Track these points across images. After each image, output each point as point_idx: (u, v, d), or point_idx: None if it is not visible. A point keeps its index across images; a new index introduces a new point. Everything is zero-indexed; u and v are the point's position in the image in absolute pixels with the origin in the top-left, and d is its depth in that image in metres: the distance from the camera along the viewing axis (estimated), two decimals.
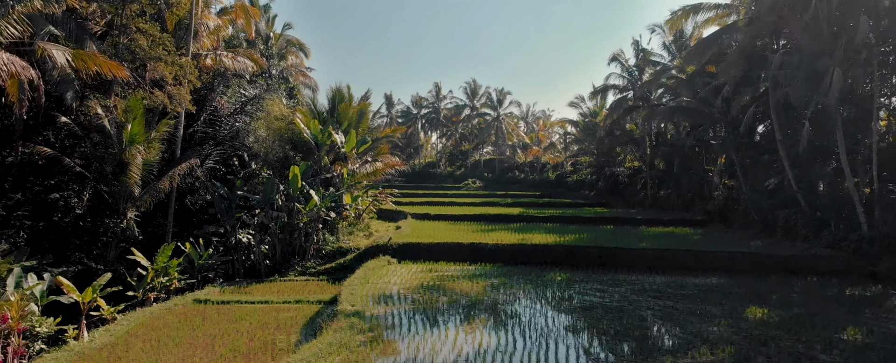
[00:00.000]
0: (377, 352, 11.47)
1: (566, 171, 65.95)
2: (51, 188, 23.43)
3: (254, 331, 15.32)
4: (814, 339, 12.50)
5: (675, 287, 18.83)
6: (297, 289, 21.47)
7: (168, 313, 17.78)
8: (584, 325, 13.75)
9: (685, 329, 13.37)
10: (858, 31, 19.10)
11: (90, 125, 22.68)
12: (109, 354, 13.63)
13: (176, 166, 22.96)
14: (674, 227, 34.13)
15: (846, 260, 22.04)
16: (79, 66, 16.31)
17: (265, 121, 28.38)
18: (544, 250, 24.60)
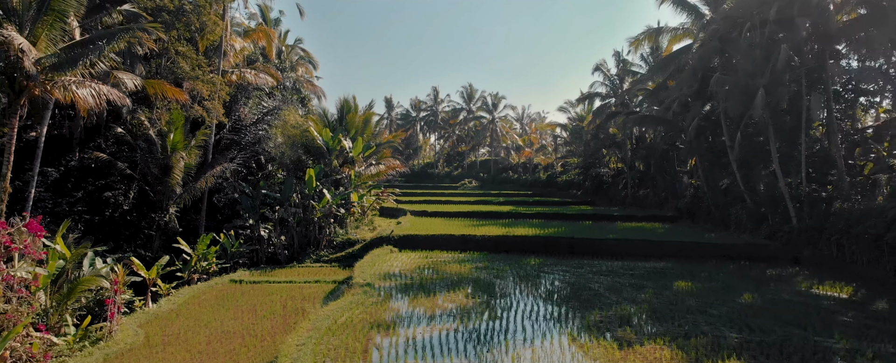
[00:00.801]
0: (385, 308, 15.51)
1: (556, 172, 69.98)
2: (103, 188, 27.47)
3: (285, 301, 19.39)
4: (714, 301, 16.56)
5: (627, 269, 22.89)
6: (314, 273, 25.50)
7: (211, 289, 21.85)
8: (543, 293, 17.81)
9: (620, 295, 17.44)
10: (780, 59, 23.11)
11: (137, 134, 26.72)
12: (177, 315, 17.72)
13: (209, 169, 27.01)
14: (646, 223, 38.16)
15: (777, 248, 26.12)
16: (150, 92, 20.37)
17: (282, 128, 32.42)
18: (525, 241, 28.63)
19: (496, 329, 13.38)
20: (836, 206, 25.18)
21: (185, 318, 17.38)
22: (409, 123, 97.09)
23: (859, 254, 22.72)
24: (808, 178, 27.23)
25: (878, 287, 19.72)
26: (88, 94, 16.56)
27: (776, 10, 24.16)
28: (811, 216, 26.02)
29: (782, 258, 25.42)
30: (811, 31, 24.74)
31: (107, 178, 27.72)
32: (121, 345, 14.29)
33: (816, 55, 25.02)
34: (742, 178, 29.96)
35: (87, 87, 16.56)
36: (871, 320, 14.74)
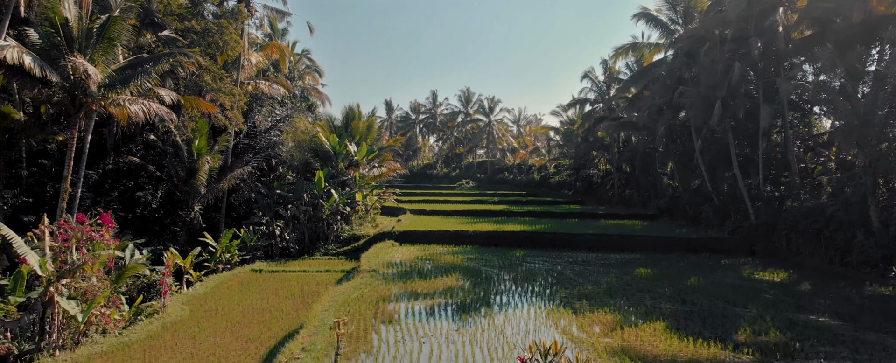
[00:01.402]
0: (389, 288, 18.69)
1: (549, 173, 73.16)
2: (134, 188, 30.65)
3: (301, 286, 22.57)
4: (664, 283, 19.75)
5: (599, 259, 26.09)
6: (325, 264, 28.68)
7: (235, 277, 25.03)
8: (521, 277, 20.99)
9: (586, 279, 20.63)
10: (734, 74, 26.28)
11: (166, 140, 29.89)
12: (210, 296, 20.88)
13: (230, 172, 30.21)
14: (627, 221, 41.36)
15: (737, 241, 29.35)
16: (187, 107, 23.55)
17: (292, 134, 35.63)
18: (513, 236, 31.82)
19: (477, 302, 16.56)
20: (788, 205, 28.41)
21: (219, 299, 20.55)
22: (409, 126, 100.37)
23: (804, 246, 25.94)
24: (766, 180, 30.46)
25: (812, 273, 22.92)
26: (139, 109, 19.75)
27: (732, 30, 27.35)
28: (766, 213, 29.23)
29: (740, 250, 28.64)
30: (763, 49, 27.94)
31: (137, 180, 30.90)
32: (173, 317, 17.45)
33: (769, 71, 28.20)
34: (709, 179, 33.19)
35: (138, 104, 19.75)
36: (787, 296, 17.94)
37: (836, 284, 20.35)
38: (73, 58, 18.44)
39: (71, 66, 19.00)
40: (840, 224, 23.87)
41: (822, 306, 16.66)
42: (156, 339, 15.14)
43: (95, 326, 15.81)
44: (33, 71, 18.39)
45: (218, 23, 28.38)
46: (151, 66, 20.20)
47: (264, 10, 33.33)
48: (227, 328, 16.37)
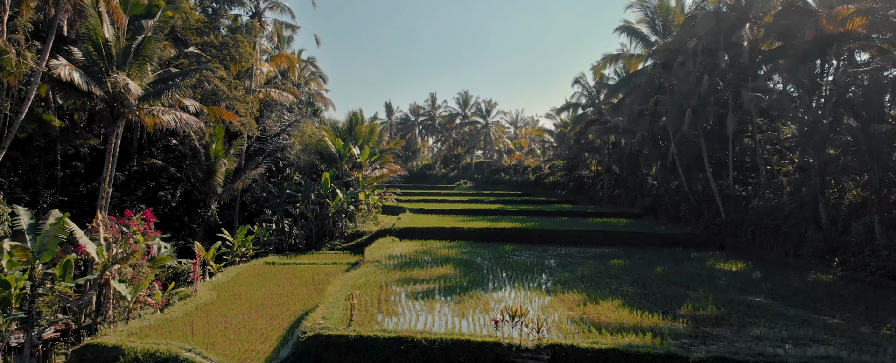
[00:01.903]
0: (391, 274, 21.38)
1: (544, 174, 75.87)
2: (156, 188, 33.35)
3: (312, 275, 25.27)
4: (633, 272, 22.43)
5: (581, 253, 28.79)
6: (331, 257, 31.38)
7: (252, 268, 27.73)
8: (508, 267, 23.68)
9: (566, 268, 23.33)
10: (703, 85, 28.97)
11: (185, 143, 32.58)
12: (232, 284, 23.57)
13: (244, 173, 32.91)
14: (614, 219, 44.02)
15: (708, 236, 32.07)
16: (210, 116, 26.26)
17: (300, 138, 38.32)
18: (504, 232, 34.52)
19: (467, 286, 19.25)
20: (754, 203, 31.12)
21: (240, 286, 23.25)
22: (408, 127, 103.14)
23: (765, 240, 28.66)
24: (736, 180, 33.19)
25: (768, 264, 25.62)
26: (171, 119, 22.47)
27: (703, 44, 30.08)
28: (735, 211, 31.96)
29: (711, 245, 31.35)
30: (730, 61, 30.64)
31: (158, 180, 33.61)
32: (203, 299, 20.14)
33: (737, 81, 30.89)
34: (686, 180, 35.91)
35: (170, 114, 22.47)
36: (737, 282, 20.64)
37: (784, 273, 23.06)
38: (115, 74, 21.14)
39: (111, 81, 21.69)
40: (796, 221, 26.60)
41: (763, 289, 19.37)
42: (193, 316, 17.82)
43: (141, 305, 18.52)
44: (80, 85, 21.09)
45: (234, 37, 31.10)
46: (181, 80, 22.92)
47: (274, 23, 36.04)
48: (251, 308, 19.06)
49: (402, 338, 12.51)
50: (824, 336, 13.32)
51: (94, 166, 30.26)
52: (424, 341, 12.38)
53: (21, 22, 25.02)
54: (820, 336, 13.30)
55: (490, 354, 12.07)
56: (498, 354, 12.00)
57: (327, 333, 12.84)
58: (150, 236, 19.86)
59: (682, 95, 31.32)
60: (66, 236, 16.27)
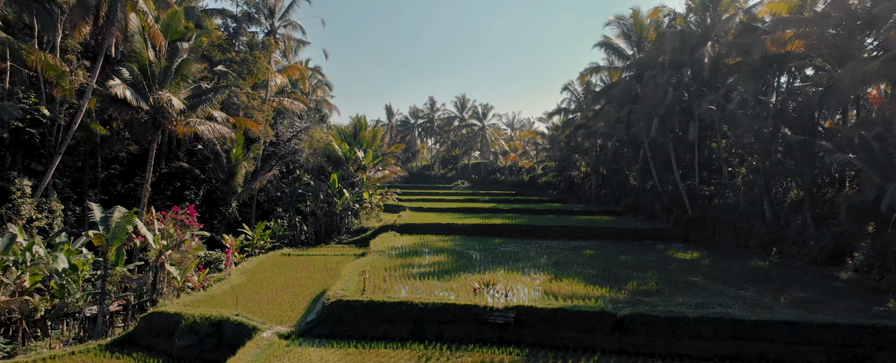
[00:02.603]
0: (393, 261, 25.21)
1: (537, 174, 79.70)
2: (181, 188, 37.15)
3: (325, 263, 29.09)
4: (600, 259, 26.26)
5: (561, 245, 32.60)
6: (340, 250, 35.19)
7: (270, 259, 31.54)
8: (494, 256, 27.51)
9: (542, 257, 27.16)
10: (669, 96, 32.80)
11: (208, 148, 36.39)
12: (257, 270, 27.37)
13: (261, 175, 36.75)
14: (598, 216, 47.83)
15: (676, 231, 35.90)
16: (238, 126, 30.10)
17: (309, 142, 42.15)
18: (495, 228, 38.34)
19: (457, 269, 23.08)
20: (716, 201, 34.96)
21: (263, 272, 27.07)
22: (408, 129, 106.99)
23: (723, 234, 32.52)
24: (701, 181, 37.04)
25: (721, 253, 29.44)
26: (206, 129, 26.32)
27: (669, 60, 33.94)
28: (700, 208, 35.81)
29: (677, 238, 35.18)
30: (693, 76, 34.50)
31: (183, 181, 37.43)
32: (235, 282, 23.95)
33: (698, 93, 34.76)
34: (659, 181, 39.77)
35: (205, 125, 26.32)
36: (685, 267, 24.47)
37: (730, 260, 26.90)
38: (159, 92, 24.99)
39: (155, 97, 25.53)
40: (747, 216, 30.45)
41: (704, 272, 23.21)
42: (230, 294, 21.64)
43: (187, 285, 22.37)
44: (130, 101, 24.93)
45: (253, 54, 34.93)
46: (213, 96, 26.77)
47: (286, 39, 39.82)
48: (277, 288, 22.90)
49: (404, 302, 16.36)
50: (730, 302, 17.16)
51: (129, 168, 34.09)
52: (421, 304, 16.23)
53: (72, 44, 28.93)
54: (727, 302, 17.13)
55: (470, 313, 15.91)
56: (475, 313, 15.85)
57: (346, 299, 16.69)
58: (194, 228, 23.67)
59: (651, 105, 35.17)
60: (132, 227, 20.08)
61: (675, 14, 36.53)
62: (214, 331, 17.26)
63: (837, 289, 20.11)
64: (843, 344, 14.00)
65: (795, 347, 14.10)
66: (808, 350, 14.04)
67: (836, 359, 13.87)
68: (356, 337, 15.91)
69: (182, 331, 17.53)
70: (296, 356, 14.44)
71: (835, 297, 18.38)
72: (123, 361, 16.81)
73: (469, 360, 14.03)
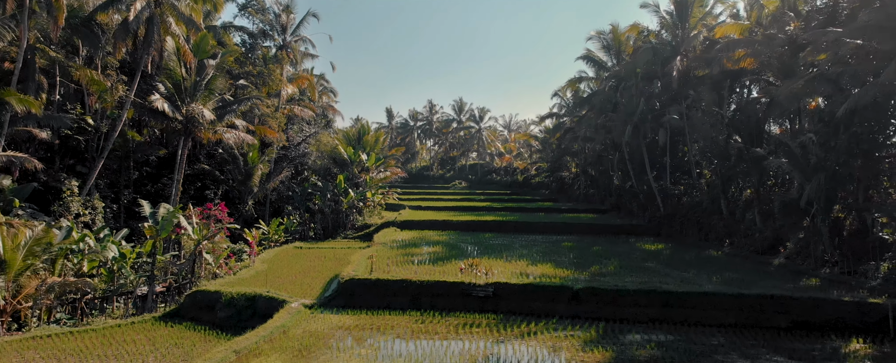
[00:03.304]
0: (394, 251, 29.11)
1: (531, 175, 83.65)
2: (202, 188, 41.04)
3: (334, 254, 32.98)
4: (575, 250, 30.15)
5: (545, 239, 36.49)
6: (346, 244, 39.07)
7: (285, 251, 35.41)
8: (482, 248, 31.40)
9: (525, 248, 31.05)
10: (640, 106, 36.72)
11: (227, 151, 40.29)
12: (275, 260, 31.24)
13: (275, 176, 40.66)
14: (584, 214, 51.73)
15: (649, 227, 39.82)
16: (259, 134, 34.00)
17: (317, 146, 46.05)
18: (487, 224, 42.24)
19: (449, 257, 26.97)
20: (684, 200, 38.89)
21: (281, 261, 30.94)
22: (408, 132, 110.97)
23: (688, 228, 36.43)
24: (673, 181, 40.97)
25: (684, 245, 33.32)
26: (231, 137, 30.24)
27: (643, 73, 37.86)
28: (671, 206, 39.73)
29: (650, 233, 39.09)
30: (662, 87, 38.45)
31: (204, 181, 41.34)
32: (258, 269, 27.81)
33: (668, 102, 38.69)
34: (636, 182, 43.69)
35: (231, 133, 30.24)
36: (647, 256, 28.35)
37: (689, 251, 30.79)
38: (192, 105, 28.89)
39: (187, 109, 29.44)
40: (708, 213, 34.39)
41: (660, 259, 27.11)
42: (256, 277, 25.51)
43: (219, 270, 26.26)
44: (167, 112, 28.84)
45: (268, 68, 38.86)
46: (237, 107, 30.67)
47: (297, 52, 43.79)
48: (296, 273, 26.79)
49: (405, 280, 20.27)
50: (669, 281, 21.07)
51: (157, 170, 37.97)
52: (418, 282, 20.14)
53: (111, 61, 32.83)
54: (666, 281, 21.05)
55: (457, 288, 19.82)
56: (462, 288, 19.75)
57: (358, 278, 20.60)
58: (225, 223, 27.56)
59: (627, 113, 39.10)
60: (176, 221, 23.97)
61: (649, 31, 40.48)
62: (249, 305, 21.13)
63: (767, 272, 24.01)
64: (748, 309, 17.89)
65: (711, 312, 18.00)
66: (720, 314, 17.94)
67: (742, 321, 17.77)
68: (366, 307, 19.80)
69: (222, 305, 21.40)
70: (319, 320, 18.34)
71: (760, 278, 22.28)
72: (176, 328, 20.66)
73: (456, 323, 17.92)
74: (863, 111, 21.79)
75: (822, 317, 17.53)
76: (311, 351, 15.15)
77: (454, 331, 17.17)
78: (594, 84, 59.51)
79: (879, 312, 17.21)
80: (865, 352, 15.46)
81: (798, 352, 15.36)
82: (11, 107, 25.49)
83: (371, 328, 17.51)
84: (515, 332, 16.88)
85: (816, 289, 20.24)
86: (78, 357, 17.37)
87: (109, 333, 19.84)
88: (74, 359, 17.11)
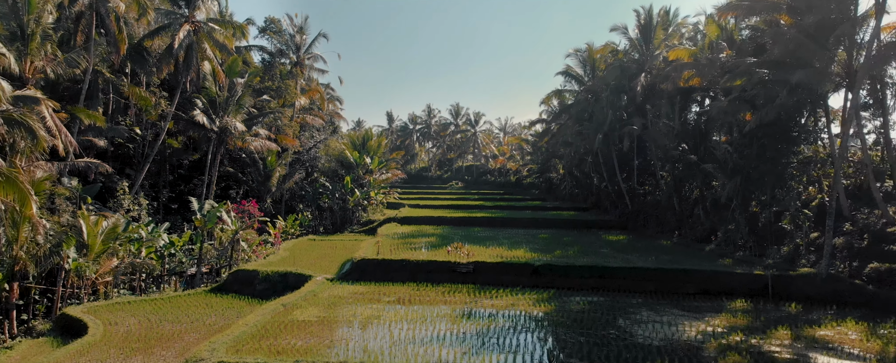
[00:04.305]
0: (395, 241, 34.75)
1: (522, 176, 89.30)
2: (226, 188, 46.66)
3: (344, 245, 38.65)
4: (549, 240, 35.79)
5: (526, 232, 42.10)
6: (353, 237, 44.72)
7: (300, 242, 41.05)
8: (470, 239, 37.03)
9: (507, 239, 36.70)
10: (608, 118, 42.38)
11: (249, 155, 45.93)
12: (294, 249, 36.88)
13: (291, 177, 46.32)
14: (566, 211, 57.37)
15: (618, 222, 45.50)
16: (281, 141, 39.66)
17: (326, 150, 51.70)
18: (477, 219, 47.93)
19: (441, 245, 32.60)
20: (648, 198, 44.55)
21: (299, 250, 36.53)
22: (407, 134, 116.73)
23: (650, 223, 42.10)
24: (639, 182, 46.65)
25: (643, 237, 38.93)
26: (258, 144, 35.88)
27: (612, 87, 43.55)
28: (638, 204, 45.39)
29: (617, 227, 44.74)
30: (627, 101, 44.12)
31: (228, 182, 46.98)
32: (283, 255, 33.40)
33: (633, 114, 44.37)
34: (609, 182, 49.38)
35: (258, 141, 35.90)
36: (605, 244, 33.98)
37: (644, 241, 36.41)
38: (226, 118, 34.54)
39: (221, 121, 35.09)
40: (664, 209, 40.05)
41: (615, 247, 32.73)
42: (283, 261, 31.12)
43: (253, 255, 31.91)
44: (204, 124, 34.48)
45: (285, 83, 44.58)
46: (262, 119, 36.32)
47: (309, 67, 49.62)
48: (314, 258, 32.40)
49: (405, 259, 25.93)
50: (612, 260, 26.70)
51: (189, 173, 43.63)
52: (415, 261, 25.81)
53: (155, 80, 38.49)
54: (609, 260, 26.67)
55: (446, 266, 25.47)
56: (449, 266, 25.40)
57: (367, 258, 26.27)
58: (256, 217, 33.21)
59: (598, 123, 44.79)
60: (219, 214, 29.61)
61: (618, 50, 46.19)
62: (281, 280, 26.74)
63: (698, 255, 29.65)
64: (665, 280, 23.53)
65: (637, 282, 23.64)
66: (644, 283, 23.58)
67: (660, 289, 23.41)
68: (374, 280, 25.44)
69: (260, 280, 27.02)
70: (339, 288, 23.98)
71: (688, 259, 27.92)
72: (224, 298, 26.28)
73: (443, 290, 23.56)
74: (768, 127, 27.41)
75: (720, 285, 23.21)
76: (336, 306, 20.83)
77: (441, 296, 22.82)
78: (571, 95, 65.15)
79: (762, 281, 22.88)
80: (743, 307, 21.12)
81: (692, 307, 21.02)
82: (81, 120, 31.17)
83: (378, 293, 23.17)
84: (487, 296, 22.55)
85: (726, 267, 25.90)
86: (156, 315, 23.01)
87: (173, 301, 25.50)
88: (155, 317, 22.74)
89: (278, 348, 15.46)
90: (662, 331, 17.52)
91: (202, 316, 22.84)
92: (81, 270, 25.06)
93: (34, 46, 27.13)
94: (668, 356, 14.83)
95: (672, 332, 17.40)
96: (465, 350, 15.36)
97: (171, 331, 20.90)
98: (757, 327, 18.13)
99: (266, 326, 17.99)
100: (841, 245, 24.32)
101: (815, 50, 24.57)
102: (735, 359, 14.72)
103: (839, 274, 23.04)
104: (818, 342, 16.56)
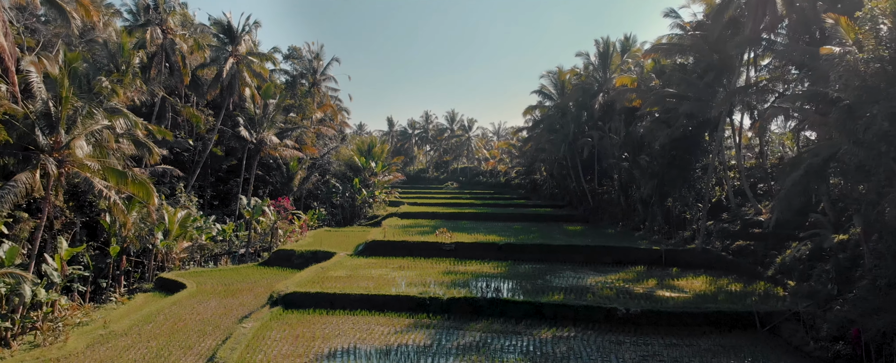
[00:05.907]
0: (396, 231, 44.04)
1: (511, 177, 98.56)
2: (256, 188, 55.84)
3: (355, 234, 47.99)
4: (520, 230, 45.05)
5: (505, 225, 51.35)
6: (361, 229, 53.94)
7: (318, 232, 50.33)
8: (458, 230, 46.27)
9: (486, 230, 45.96)
10: (571, 130, 51.70)
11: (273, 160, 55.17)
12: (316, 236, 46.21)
13: (309, 180, 55.60)
14: (544, 208, 66.62)
15: (582, 216, 54.82)
16: (305, 151, 48.97)
17: (337, 156, 60.98)
18: (465, 214, 57.21)
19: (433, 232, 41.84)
20: (606, 197, 53.88)
21: (320, 237, 45.75)
22: (406, 138, 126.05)
23: (605, 217, 51.42)
24: (600, 184, 56.00)
25: (596, 227, 48.14)
26: (288, 154, 45.16)
27: (576, 104, 52.93)
28: (599, 201, 54.73)
29: (580, 220, 54.01)
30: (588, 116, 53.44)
31: (256, 184, 56.18)
32: (309, 241, 42.67)
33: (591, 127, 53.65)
34: (576, 183, 58.77)
35: (287, 151, 45.14)
36: (562, 232, 43.24)
37: (595, 230, 45.64)
38: (263, 133, 43.79)
39: (258, 135, 44.37)
40: (614, 205, 49.36)
41: (567, 234, 41.98)
42: (311, 244, 40.29)
43: (287, 240, 41.17)
44: (246, 137, 43.76)
45: (305, 101, 53.89)
46: (291, 133, 45.58)
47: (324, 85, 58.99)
48: (333, 242, 41.65)
49: (404, 241, 35.26)
50: (558, 241, 35.93)
51: (227, 175, 52.89)
52: (412, 241, 35.13)
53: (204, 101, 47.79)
54: (556, 241, 35.90)
55: (434, 246, 34.76)
56: (436, 246, 34.70)
57: (377, 240, 35.62)
58: (290, 211, 42.46)
59: (563, 134, 54.13)
60: (263, 209, 38.83)
61: (582, 73, 55.58)
62: (313, 256, 35.98)
63: (626, 238, 38.88)
64: (591, 253, 32.80)
65: (570, 255, 32.91)
66: (575, 256, 32.83)
67: (587, 260, 32.64)
68: (382, 255, 34.70)
69: (296, 257, 36.26)
70: (357, 261, 33.25)
71: (617, 241, 37.13)
72: (270, 269, 35.50)
73: (432, 261, 32.82)
74: (677, 141, 36.64)
75: (630, 257, 32.52)
76: (358, 268, 30.15)
77: (430, 264, 32.11)
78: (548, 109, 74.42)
79: (658, 254, 32.20)
80: (638, 270, 30.39)
81: (603, 271, 30.27)
82: (153, 134, 40.45)
83: (386, 263, 32.46)
84: (462, 264, 31.86)
85: (637, 245, 35.10)
86: (227, 279, 32.28)
87: (234, 271, 34.81)
88: (227, 279, 32.01)
89: (325, 288, 24.82)
90: (573, 281, 26.88)
91: (260, 279, 32.17)
92: (169, 248, 34.35)
93: (127, 81, 36.40)
94: (567, 290, 24.16)
95: (578, 281, 26.75)
96: (446, 287, 24.71)
97: (242, 286, 30.27)
98: (637, 279, 27.49)
99: (313, 279, 27.32)
100: (719, 229, 33.65)
101: (701, 87, 33.89)
102: (607, 292, 24.06)
103: (713, 249, 32.36)
104: (668, 286, 25.91)
